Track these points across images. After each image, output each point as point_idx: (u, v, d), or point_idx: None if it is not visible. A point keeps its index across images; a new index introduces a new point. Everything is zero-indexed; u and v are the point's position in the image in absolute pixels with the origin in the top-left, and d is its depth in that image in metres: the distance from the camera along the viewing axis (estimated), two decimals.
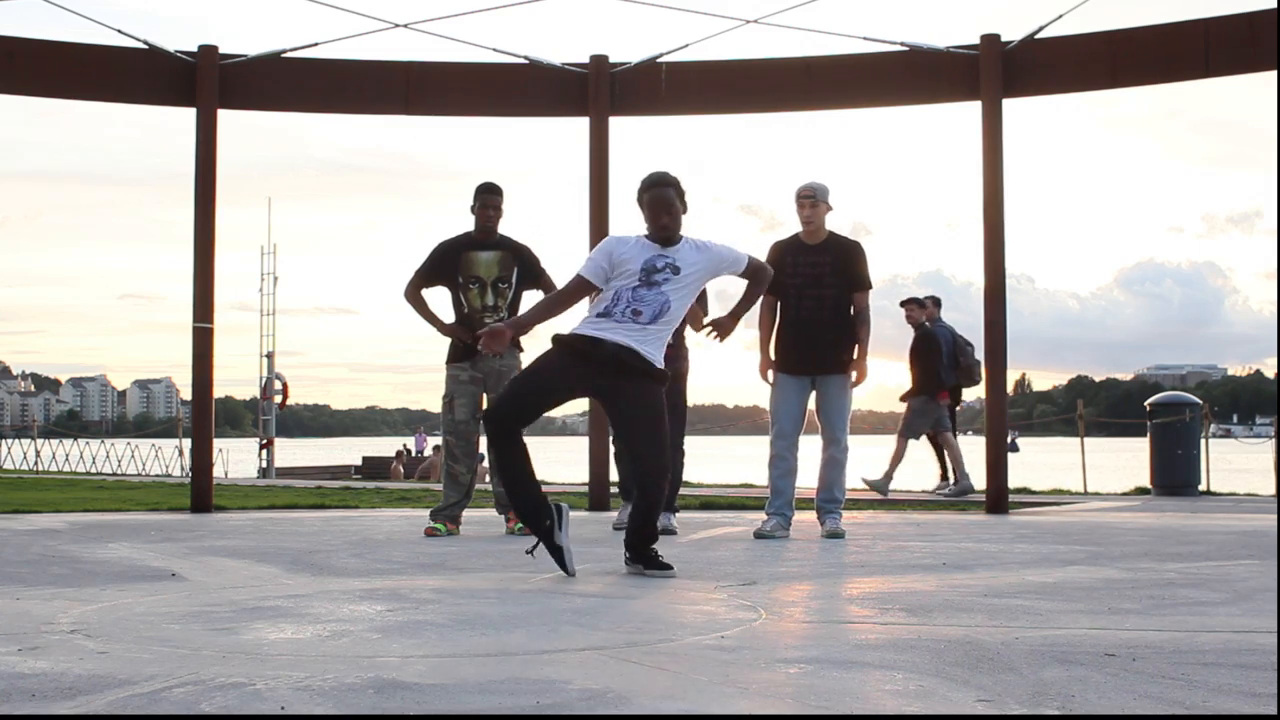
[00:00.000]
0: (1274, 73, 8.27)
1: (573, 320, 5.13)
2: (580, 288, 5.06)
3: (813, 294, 6.73)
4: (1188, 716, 2.42)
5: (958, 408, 11.75)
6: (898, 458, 11.06)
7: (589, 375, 4.87)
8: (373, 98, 9.54)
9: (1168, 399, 13.33)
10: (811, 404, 6.85)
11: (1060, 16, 8.87)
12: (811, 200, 6.77)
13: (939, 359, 11.12)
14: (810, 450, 6.88)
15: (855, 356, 6.76)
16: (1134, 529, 7.31)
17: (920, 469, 13.48)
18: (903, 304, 11.68)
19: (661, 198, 5.00)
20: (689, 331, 6.93)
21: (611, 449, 8.19)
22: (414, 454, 32.73)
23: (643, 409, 4.85)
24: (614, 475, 8.40)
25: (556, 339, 4.95)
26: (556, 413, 5.19)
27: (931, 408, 11.15)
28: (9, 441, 30.94)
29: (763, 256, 6.92)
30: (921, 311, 11.36)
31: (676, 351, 6.99)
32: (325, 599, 4.13)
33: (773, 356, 6.86)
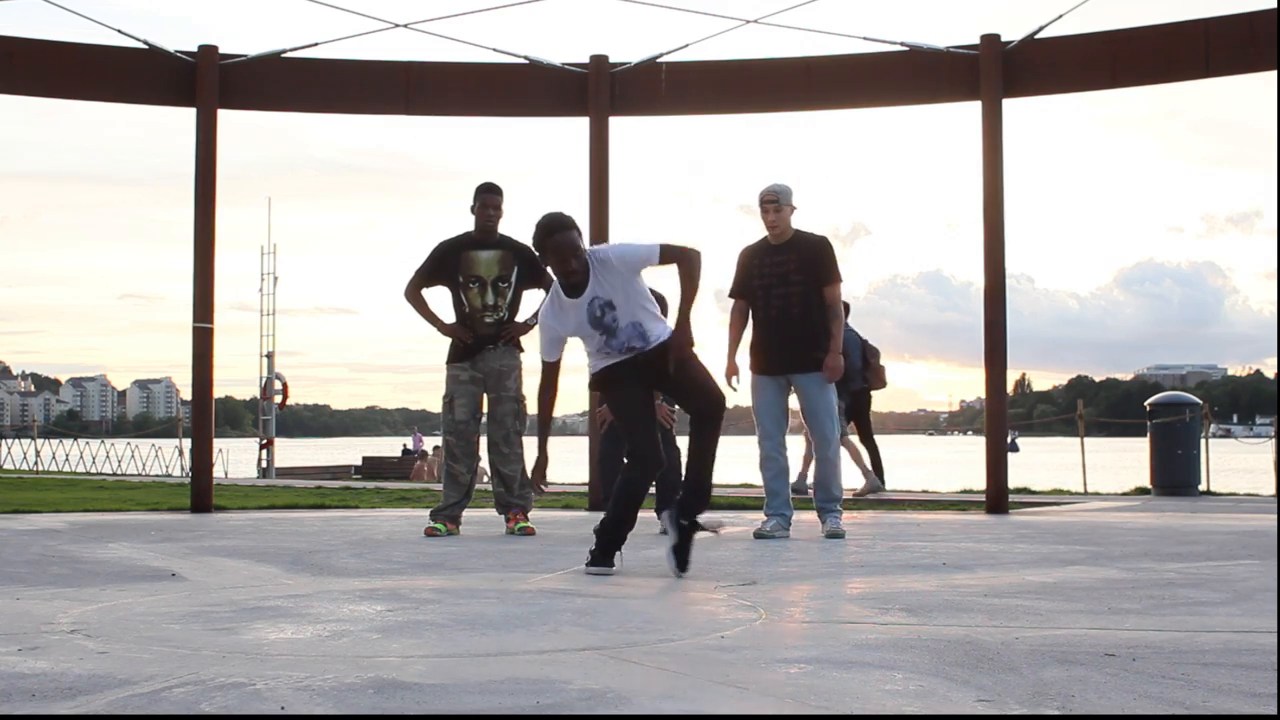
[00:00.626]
0: (1274, 73, 8.27)
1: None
2: (550, 370, 5.10)
3: (779, 293, 6.72)
4: (1188, 716, 2.42)
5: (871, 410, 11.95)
6: (855, 455, 11.15)
7: (649, 380, 5.06)
8: (373, 98, 9.54)
9: (1168, 399, 13.34)
10: (795, 405, 6.86)
11: (1060, 16, 8.87)
12: (775, 205, 6.76)
13: (849, 359, 11.22)
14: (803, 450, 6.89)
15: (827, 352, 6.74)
16: (1134, 529, 7.31)
17: (922, 469, 13.46)
18: None
19: (566, 243, 4.87)
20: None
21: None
22: (412, 454, 32.72)
23: (684, 365, 4.97)
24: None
25: (595, 378, 5.10)
26: (557, 413, 5.28)
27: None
28: (9, 441, 30.95)
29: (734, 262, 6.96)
30: None
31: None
32: (325, 599, 4.13)
33: (739, 361, 6.88)
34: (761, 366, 6.81)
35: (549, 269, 5.03)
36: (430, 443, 32.31)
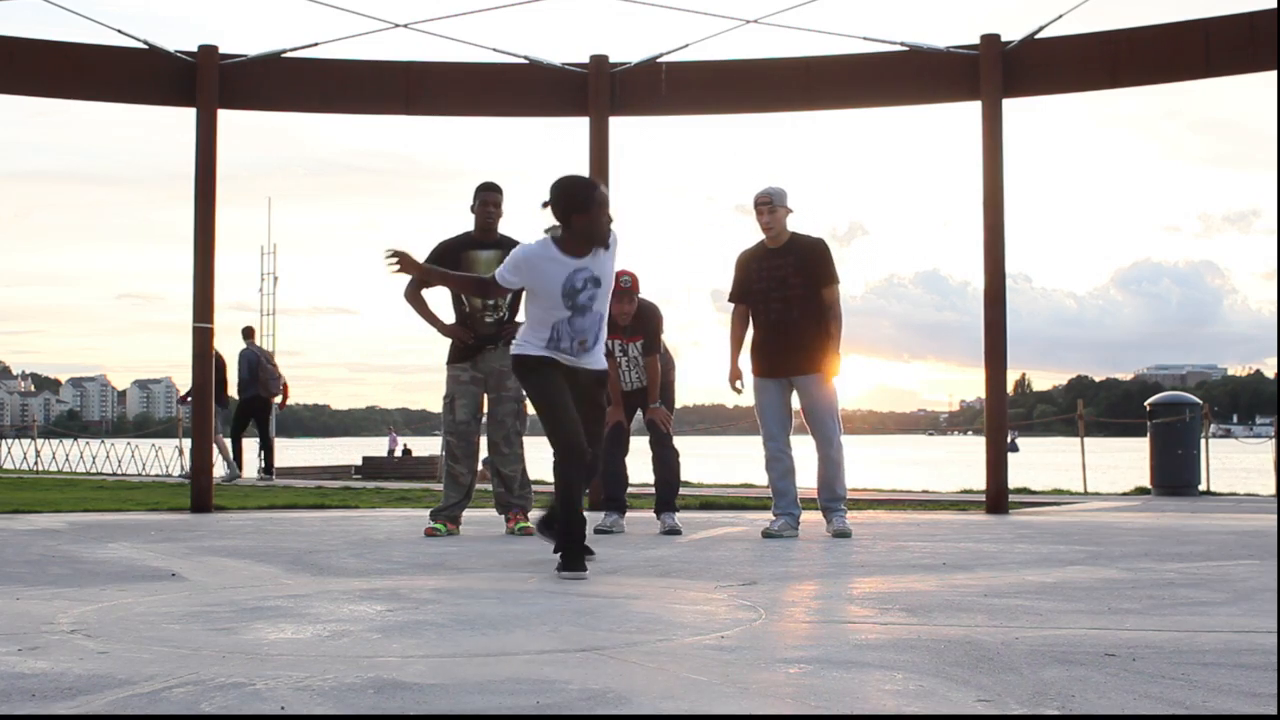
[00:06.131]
0: (1274, 73, 8.27)
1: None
2: (492, 286, 5.23)
3: (779, 296, 6.76)
4: (1188, 716, 2.42)
5: (274, 414, 16.40)
6: (221, 450, 14.43)
7: (574, 387, 5.18)
8: (373, 98, 9.54)
9: (1168, 399, 13.35)
10: (797, 407, 6.88)
11: (1060, 16, 8.86)
12: (769, 206, 6.79)
13: (240, 374, 15.17)
14: (807, 450, 6.90)
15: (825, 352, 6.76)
16: (1134, 529, 7.31)
17: (922, 469, 13.46)
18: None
19: (606, 199, 5.05)
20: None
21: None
22: (391, 454, 32.65)
23: (596, 408, 5.25)
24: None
25: (526, 360, 5.14)
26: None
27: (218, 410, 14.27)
28: (9, 441, 30.88)
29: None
30: (247, 341, 15.42)
31: (665, 359, 7.18)
32: (325, 599, 4.13)
33: (742, 365, 6.92)
34: (763, 369, 6.85)
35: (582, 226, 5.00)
36: (403, 441, 32.25)
